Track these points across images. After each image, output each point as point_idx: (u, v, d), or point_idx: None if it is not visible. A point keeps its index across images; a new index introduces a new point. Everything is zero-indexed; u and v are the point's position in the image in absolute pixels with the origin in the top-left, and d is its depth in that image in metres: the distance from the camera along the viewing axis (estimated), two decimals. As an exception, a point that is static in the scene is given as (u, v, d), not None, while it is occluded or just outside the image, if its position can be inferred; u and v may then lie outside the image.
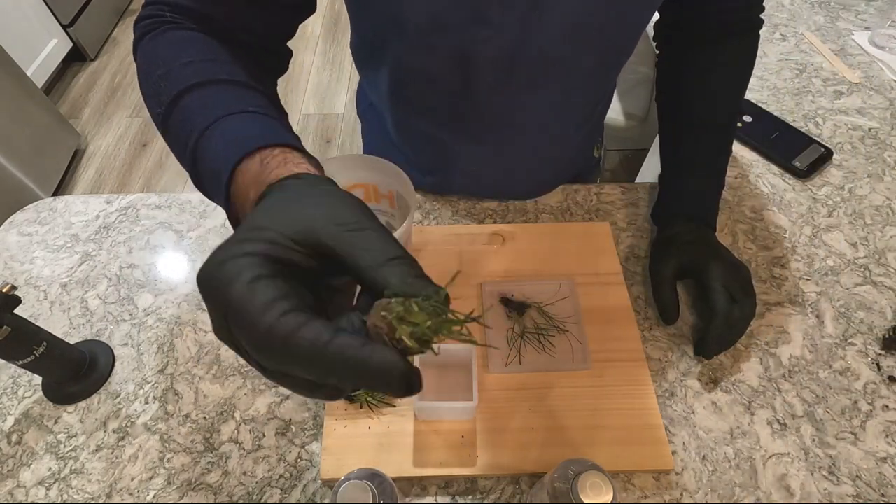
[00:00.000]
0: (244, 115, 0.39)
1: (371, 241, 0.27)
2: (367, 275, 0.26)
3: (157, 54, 0.45)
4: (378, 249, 0.27)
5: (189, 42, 0.45)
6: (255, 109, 0.40)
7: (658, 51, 0.72)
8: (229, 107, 0.39)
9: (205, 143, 0.39)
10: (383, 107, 0.70)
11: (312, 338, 0.24)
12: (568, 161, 0.75)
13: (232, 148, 0.36)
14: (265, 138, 0.35)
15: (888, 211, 0.74)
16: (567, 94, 0.62)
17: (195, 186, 0.42)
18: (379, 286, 0.26)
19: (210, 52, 0.44)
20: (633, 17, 0.56)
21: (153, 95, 0.44)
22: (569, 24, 0.52)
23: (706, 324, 0.59)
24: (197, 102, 0.41)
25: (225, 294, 0.25)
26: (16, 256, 0.69)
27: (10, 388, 0.59)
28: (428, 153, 0.71)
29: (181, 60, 0.43)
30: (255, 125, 0.39)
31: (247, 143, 0.35)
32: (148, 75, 0.45)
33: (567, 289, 0.64)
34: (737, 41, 0.67)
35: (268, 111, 0.40)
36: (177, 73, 0.42)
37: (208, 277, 0.26)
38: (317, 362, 0.24)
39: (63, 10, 2.25)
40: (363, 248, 0.27)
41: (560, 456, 0.45)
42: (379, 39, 0.60)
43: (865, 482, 0.53)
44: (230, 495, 0.52)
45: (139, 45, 0.47)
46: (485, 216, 0.74)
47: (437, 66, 0.57)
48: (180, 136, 0.41)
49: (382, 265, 0.26)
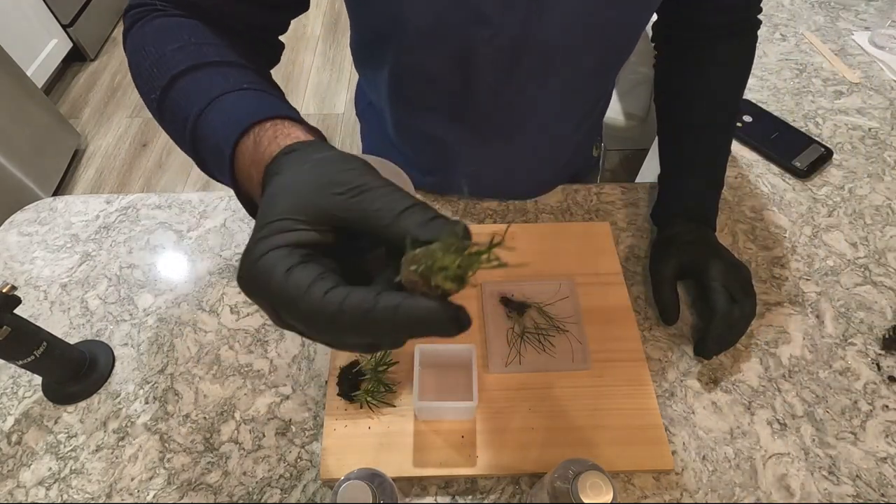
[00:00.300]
0: (238, 92, 0.39)
1: (376, 201, 0.27)
2: (385, 235, 0.27)
3: (148, 41, 0.44)
4: (386, 207, 0.27)
5: (179, 27, 0.44)
6: (248, 86, 0.40)
7: (656, 52, 0.72)
8: (223, 87, 0.39)
9: (202, 127, 0.39)
10: (383, 106, 0.70)
11: (358, 306, 0.25)
12: (567, 161, 0.75)
13: (228, 128, 0.36)
14: (255, 114, 0.35)
15: (888, 211, 0.74)
16: (567, 94, 0.62)
17: (200, 169, 0.42)
18: (400, 242, 0.26)
19: (201, 35, 0.44)
20: (633, 17, 0.56)
21: (146, 82, 0.44)
22: (569, 23, 0.52)
23: (706, 324, 0.59)
24: (191, 86, 0.41)
25: (267, 291, 0.27)
26: (16, 256, 0.69)
27: (10, 388, 0.59)
28: (428, 153, 0.71)
29: (172, 45, 0.43)
30: (248, 102, 0.39)
31: (240, 121, 0.35)
32: (139, 63, 0.44)
33: (567, 289, 0.64)
34: (735, 41, 0.67)
35: (260, 86, 0.41)
36: (168, 57, 0.42)
37: (247, 281, 0.28)
38: (370, 326, 0.25)
39: (63, 10, 2.25)
40: (371, 210, 0.27)
41: (560, 456, 0.45)
42: (379, 39, 0.60)
43: (865, 482, 0.53)
44: (230, 495, 0.52)
45: (129, 34, 0.47)
46: (485, 216, 0.74)
47: (437, 66, 0.57)
48: (177, 122, 0.41)
49: (395, 221, 0.27)
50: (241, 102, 0.38)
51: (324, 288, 0.26)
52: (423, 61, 0.57)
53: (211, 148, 0.38)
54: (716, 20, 0.65)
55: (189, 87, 0.41)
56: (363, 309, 0.25)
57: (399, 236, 0.26)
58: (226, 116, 0.38)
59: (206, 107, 0.38)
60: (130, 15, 0.47)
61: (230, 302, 0.65)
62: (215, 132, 0.38)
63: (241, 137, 0.35)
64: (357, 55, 0.69)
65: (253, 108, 0.37)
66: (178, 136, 0.42)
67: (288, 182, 0.30)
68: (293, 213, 0.28)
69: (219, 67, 0.42)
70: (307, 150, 0.31)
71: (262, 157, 0.33)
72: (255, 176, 0.33)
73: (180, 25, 0.45)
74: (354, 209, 0.28)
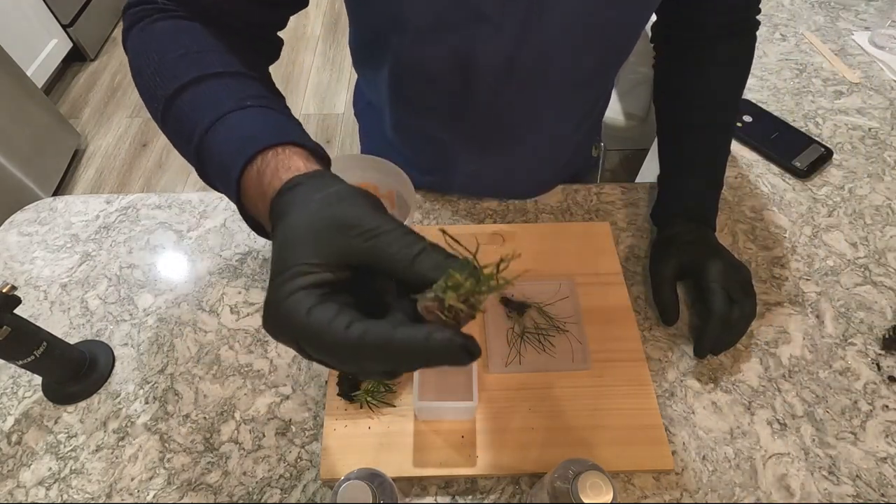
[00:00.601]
0: (240, 112, 0.40)
1: (391, 245, 0.29)
2: (403, 276, 0.29)
3: (149, 47, 0.44)
4: (401, 252, 0.29)
5: (180, 32, 0.44)
6: (251, 103, 0.40)
7: (656, 52, 0.72)
8: (226, 105, 0.40)
9: (207, 149, 0.39)
10: (382, 106, 0.70)
11: (377, 339, 0.27)
12: (567, 161, 0.75)
13: (232, 157, 0.37)
14: (258, 141, 0.36)
15: (888, 211, 0.74)
16: (567, 94, 0.62)
17: (201, 178, 0.42)
18: (418, 283, 0.29)
19: (202, 41, 0.44)
20: (633, 17, 0.56)
21: (147, 88, 0.44)
22: (569, 23, 0.52)
23: (702, 324, 0.59)
24: (195, 101, 0.41)
25: (292, 333, 0.29)
26: (16, 256, 0.69)
27: (10, 388, 0.59)
28: (427, 153, 0.71)
29: (174, 53, 0.43)
30: (250, 123, 0.39)
31: (243, 149, 0.36)
32: (140, 68, 0.44)
33: (567, 289, 0.64)
34: (735, 41, 0.67)
35: (263, 101, 0.41)
36: (171, 66, 0.42)
37: (272, 326, 0.30)
38: (389, 357, 0.28)
39: (63, 10, 2.25)
40: (388, 254, 0.29)
41: (560, 456, 0.45)
42: (379, 39, 0.60)
43: (865, 482, 0.53)
44: (230, 495, 0.52)
45: (129, 34, 0.46)
46: (485, 216, 0.74)
47: (437, 66, 0.57)
48: (182, 137, 0.42)
49: (411, 265, 0.29)
50: (245, 123, 0.39)
51: (343, 323, 0.27)
52: (422, 61, 0.57)
53: (217, 170, 0.39)
54: (715, 20, 0.65)
55: (193, 101, 0.41)
56: (382, 340, 0.27)
57: (415, 277, 0.29)
58: (230, 140, 0.38)
59: (210, 127, 0.39)
60: (130, 14, 0.46)
61: (230, 302, 0.65)
62: (221, 155, 0.38)
63: (245, 167, 0.36)
64: (357, 55, 0.69)
65: (256, 131, 0.38)
66: (182, 149, 0.43)
67: (298, 224, 0.31)
68: (308, 258, 0.29)
69: (221, 79, 0.42)
70: (310, 185, 0.33)
71: (265, 191, 0.34)
72: (262, 208, 0.35)
73: (181, 30, 0.45)
74: (371, 253, 0.29)
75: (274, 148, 0.36)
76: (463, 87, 0.58)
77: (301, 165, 0.34)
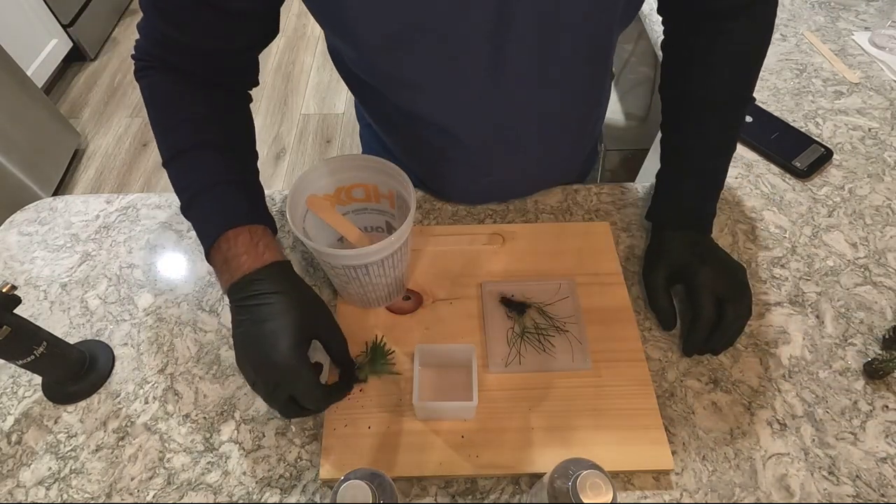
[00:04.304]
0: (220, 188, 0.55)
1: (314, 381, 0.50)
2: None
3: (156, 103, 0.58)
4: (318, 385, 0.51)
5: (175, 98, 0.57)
6: (229, 180, 0.55)
7: (664, 25, 0.67)
8: (210, 178, 0.55)
9: (193, 211, 0.56)
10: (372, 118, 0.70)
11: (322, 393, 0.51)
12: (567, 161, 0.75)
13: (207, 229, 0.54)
14: (220, 226, 0.52)
15: (888, 211, 0.74)
16: (555, 95, 0.60)
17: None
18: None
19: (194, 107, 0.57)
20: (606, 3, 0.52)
21: (159, 133, 0.58)
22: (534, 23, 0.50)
23: (690, 327, 0.60)
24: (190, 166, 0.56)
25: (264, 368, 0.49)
26: (16, 256, 0.69)
27: (10, 388, 0.59)
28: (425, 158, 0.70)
29: (173, 119, 0.57)
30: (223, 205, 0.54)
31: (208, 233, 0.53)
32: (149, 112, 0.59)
33: (567, 289, 0.64)
34: (748, 18, 0.61)
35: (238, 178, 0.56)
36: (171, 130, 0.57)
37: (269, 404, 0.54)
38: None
39: (63, 10, 2.25)
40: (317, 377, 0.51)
41: (560, 456, 0.45)
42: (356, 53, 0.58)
43: (865, 482, 0.53)
44: (230, 495, 0.52)
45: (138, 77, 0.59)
46: (485, 216, 0.74)
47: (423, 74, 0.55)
48: (177, 186, 0.57)
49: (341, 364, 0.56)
50: (217, 205, 0.54)
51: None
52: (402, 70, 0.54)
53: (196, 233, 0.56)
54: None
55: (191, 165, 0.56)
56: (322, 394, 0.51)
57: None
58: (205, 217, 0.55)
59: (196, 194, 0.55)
60: (135, 62, 0.58)
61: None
62: (199, 225, 0.56)
63: (211, 248, 0.53)
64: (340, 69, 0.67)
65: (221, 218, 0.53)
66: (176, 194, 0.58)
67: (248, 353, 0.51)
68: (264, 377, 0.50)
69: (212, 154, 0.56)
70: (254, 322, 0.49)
71: (222, 280, 0.53)
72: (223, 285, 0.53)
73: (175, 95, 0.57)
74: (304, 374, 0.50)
75: (226, 240, 0.52)
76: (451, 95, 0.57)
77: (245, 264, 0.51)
